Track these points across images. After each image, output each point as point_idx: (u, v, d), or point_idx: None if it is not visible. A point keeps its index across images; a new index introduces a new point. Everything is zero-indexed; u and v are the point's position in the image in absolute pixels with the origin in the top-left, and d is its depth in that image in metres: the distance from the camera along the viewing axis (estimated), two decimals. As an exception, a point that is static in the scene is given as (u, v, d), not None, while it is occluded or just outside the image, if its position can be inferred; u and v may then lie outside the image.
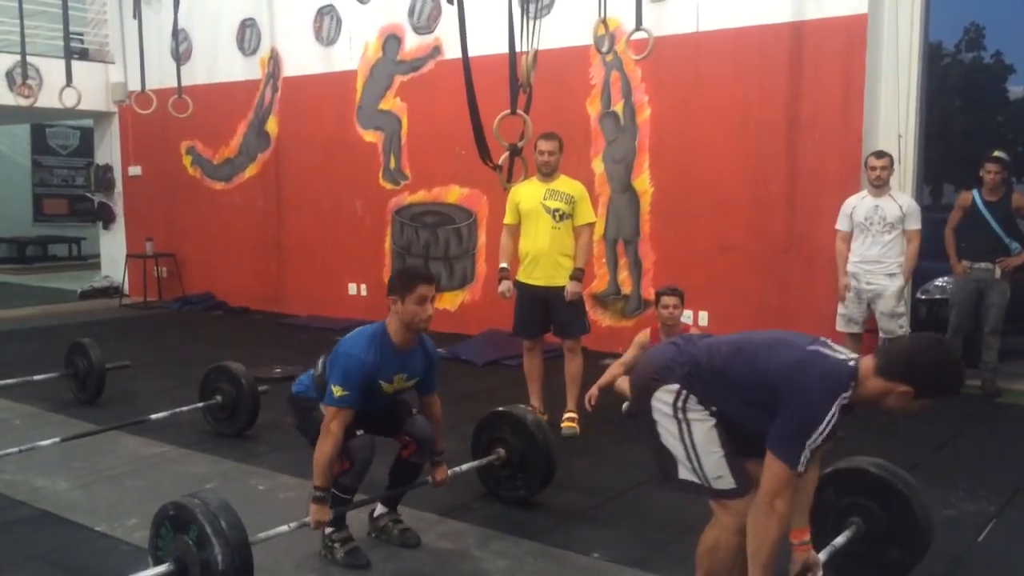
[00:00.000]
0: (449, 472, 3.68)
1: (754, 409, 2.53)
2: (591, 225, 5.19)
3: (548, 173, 5.12)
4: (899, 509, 3.03)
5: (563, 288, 5.05)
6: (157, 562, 2.93)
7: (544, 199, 5.06)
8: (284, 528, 3.21)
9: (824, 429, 2.42)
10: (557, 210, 5.05)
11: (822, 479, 3.19)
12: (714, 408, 2.61)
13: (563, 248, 5.09)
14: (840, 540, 3.02)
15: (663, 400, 2.66)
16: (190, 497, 2.93)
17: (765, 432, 2.48)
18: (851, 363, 2.48)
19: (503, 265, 5.25)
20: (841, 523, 3.10)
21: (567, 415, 5.22)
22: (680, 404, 2.64)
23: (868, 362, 2.48)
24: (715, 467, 2.60)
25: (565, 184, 5.14)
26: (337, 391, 3.22)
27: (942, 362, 2.44)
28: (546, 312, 5.16)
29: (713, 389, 2.61)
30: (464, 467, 3.91)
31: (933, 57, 6.65)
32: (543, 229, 5.05)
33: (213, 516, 2.83)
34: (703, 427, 2.61)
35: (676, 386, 2.64)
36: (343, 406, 3.22)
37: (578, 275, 5.07)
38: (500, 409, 4.14)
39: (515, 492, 4.04)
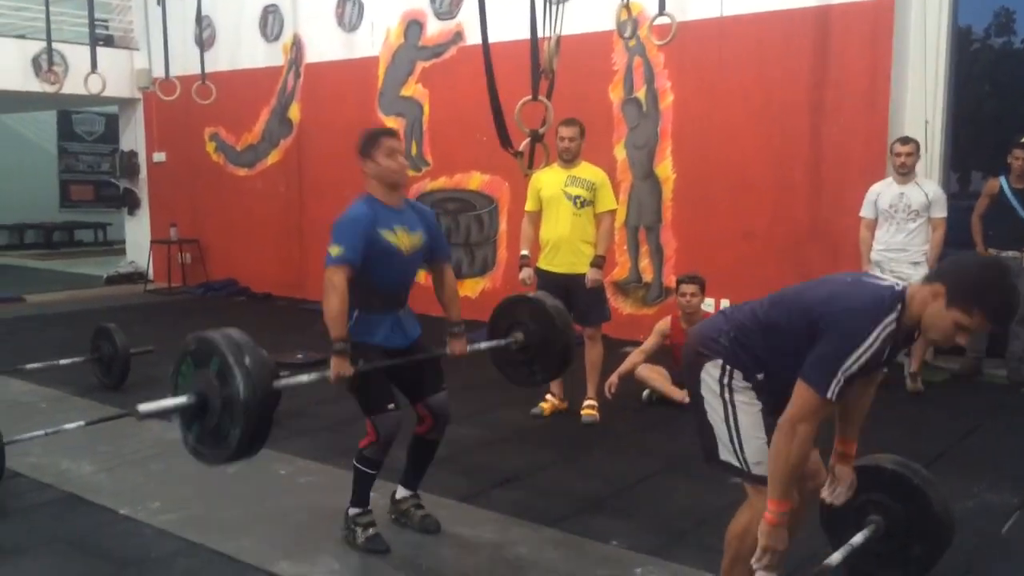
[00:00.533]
0: (468, 348, 3.62)
1: (799, 357, 2.43)
2: (613, 212, 5.17)
3: (569, 159, 5.10)
4: (917, 504, 3.00)
5: (584, 275, 5.04)
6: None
7: (565, 186, 5.04)
8: (304, 378, 3.18)
9: (862, 355, 2.33)
10: (578, 197, 5.03)
11: None
12: (760, 376, 2.56)
13: (584, 235, 5.07)
14: (859, 539, 2.99)
15: (711, 375, 2.62)
16: (213, 331, 2.88)
17: None
18: (897, 287, 2.40)
19: (524, 252, 5.24)
20: (860, 521, 3.07)
21: (587, 403, 5.22)
22: (727, 382, 2.60)
23: (918, 283, 2.41)
24: (756, 452, 2.58)
25: (587, 171, 5.12)
26: (334, 250, 3.20)
27: (998, 278, 2.29)
28: (567, 299, 5.13)
29: (758, 350, 2.57)
30: (483, 345, 3.81)
31: (962, 42, 6.53)
32: (564, 216, 5.04)
33: (236, 347, 2.78)
34: (749, 412, 2.58)
35: (721, 361, 2.60)
36: (341, 263, 3.19)
37: (599, 262, 5.06)
38: (521, 294, 4.10)
39: (530, 377, 4.00)
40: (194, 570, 3.29)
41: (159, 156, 11.53)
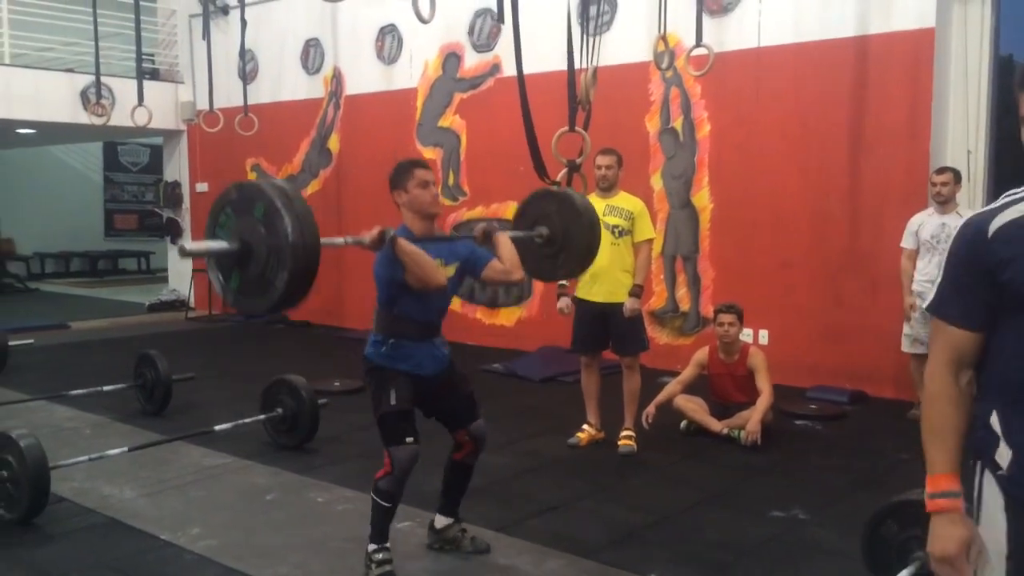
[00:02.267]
0: (498, 234, 3.53)
1: None
2: (650, 241, 5.17)
3: (607, 188, 5.12)
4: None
5: (622, 304, 5.03)
6: None
7: (603, 215, 5.02)
8: (339, 240, 3.18)
9: None
10: (616, 226, 5.04)
11: (882, 511, 3.11)
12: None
13: (623, 264, 5.07)
14: (904, 575, 2.93)
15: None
16: (254, 180, 2.77)
17: None
18: None
19: (562, 282, 5.25)
20: (905, 557, 3.01)
21: (624, 433, 5.18)
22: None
23: None
24: None
25: (625, 200, 5.14)
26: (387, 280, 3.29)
27: None
28: (605, 328, 5.14)
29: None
30: (510, 233, 3.71)
31: (1004, 70, 6.46)
32: (603, 245, 5.02)
33: (282, 193, 2.69)
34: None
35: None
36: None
37: (637, 291, 5.05)
38: (548, 189, 4.09)
39: (553, 272, 4.00)
40: (233, 596, 3.31)
41: (202, 186, 11.75)
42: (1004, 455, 1.68)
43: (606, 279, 5.04)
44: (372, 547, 3.44)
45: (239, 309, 2.90)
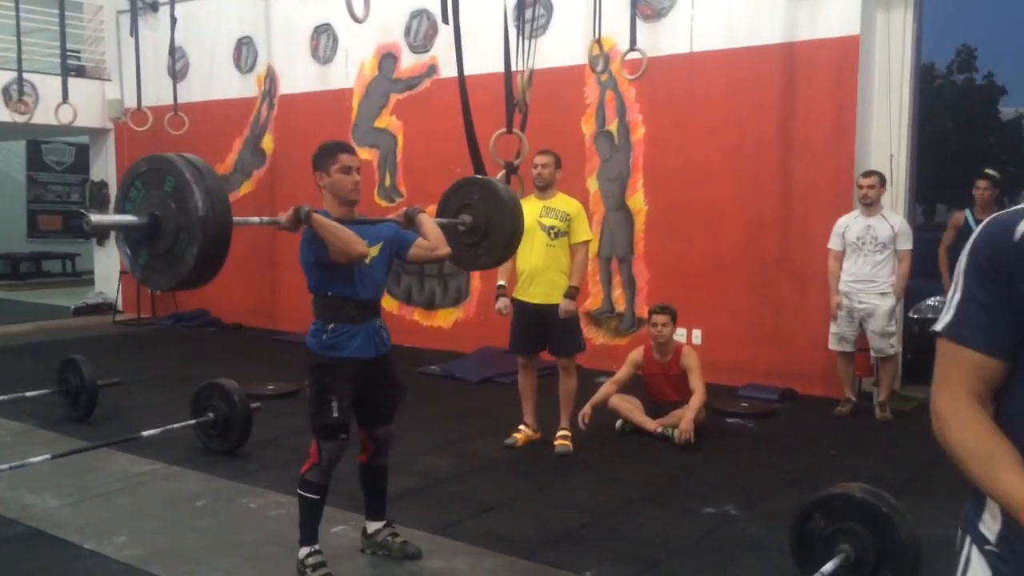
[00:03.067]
0: (421, 215, 3.52)
1: None
2: (587, 243, 5.19)
3: (543, 187, 5.14)
4: (885, 532, 3.03)
5: (558, 306, 5.05)
6: None
7: (540, 216, 5.07)
8: (255, 219, 3.26)
9: None
10: (552, 227, 5.06)
11: (809, 506, 3.20)
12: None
13: (558, 266, 5.09)
14: (829, 567, 3.01)
15: None
16: (165, 154, 2.73)
17: None
18: None
19: (501, 283, 5.26)
20: (830, 550, 3.09)
21: (560, 433, 5.21)
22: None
23: None
24: None
25: (562, 202, 5.16)
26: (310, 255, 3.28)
27: None
28: (542, 329, 5.15)
29: None
30: (438, 220, 3.71)
31: (925, 78, 6.70)
32: (538, 246, 5.05)
33: (193, 167, 2.63)
34: None
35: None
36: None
37: (572, 293, 5.05)
38: (473, 177, 4.09)
39: (475, 261, 3.97)
40: (161, 605, 3.23)
41: (130, 186, 11.44)
42: (991, 526, 1.45)
43: (542, 280, 5.06)
44: (304, 551, 3.39)
45: (148, 285, 2.85)
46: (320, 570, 3.36)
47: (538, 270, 5.06)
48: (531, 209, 5.11)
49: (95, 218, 2.73)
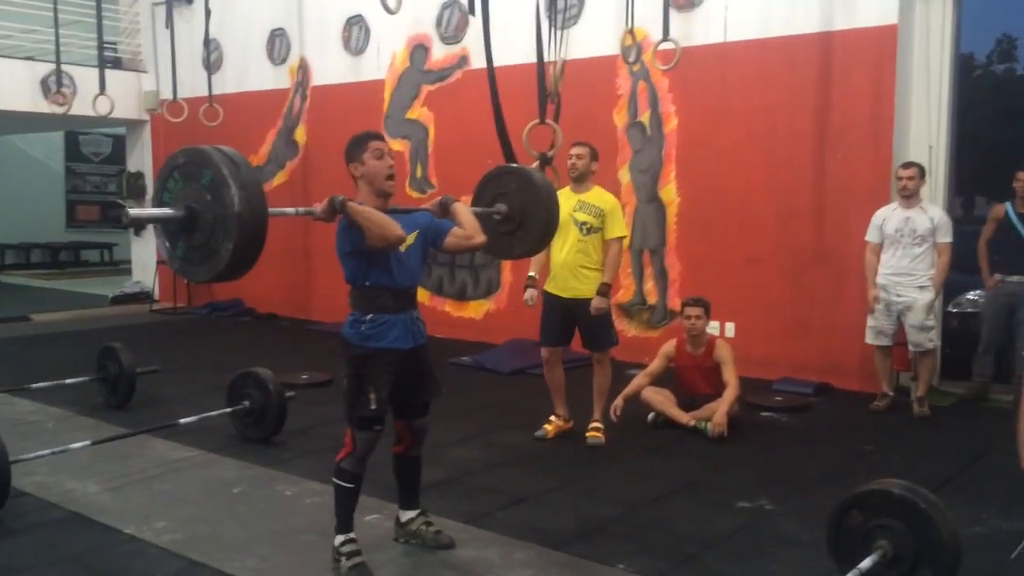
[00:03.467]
0: (456, 204, 3.52)
1: None
2: (621, 239, 5.13)
3: (577, 179, 5.10)
4: (925, 529, 2.99)
5: (589, 300, 5.02)
6: None
7: (574, 211, 5.03)
8: (290, 210, 3.22)
9: None
10: (585, 223, 5.02)
11: (847, 502, 3.17)
12: None
13: (588, 261, 5.05)
14: (866, 563, 2.98)
15: None
16: (204, 146, 2.77)
17: None
18: None
19: (531, 273, 5.26)
20: (868, 546, 3.06)
21: (592, 425, 5.21)
22: None
23: None
24: None
25: (597, 197, 5.10)
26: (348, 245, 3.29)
27: None
28: (571, 322, 5.15)
29: None
30: (473, 209, 3.73)
31: (965, 68, 6.57)
32: (570, 241, 5.02)
33: (230, 161, 2.67)
34: None
35: None
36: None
37: (604, 290, 5.01)
38: (508, 166, 4.08)
39: (509, 251, 3.96)
40: (199, 591, 3.29)
41: (166, 177, 11.57)
42: None
43: (572, 275, 5.05)
44: (340, 539, 3.42)
45: (185, 277, 2.91)
46: (355, 558, 3.39)
47: (568, 264, 5.04)
48: (565, 202, 5.05)
49: (133, 212, 2.79)
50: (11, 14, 10.62)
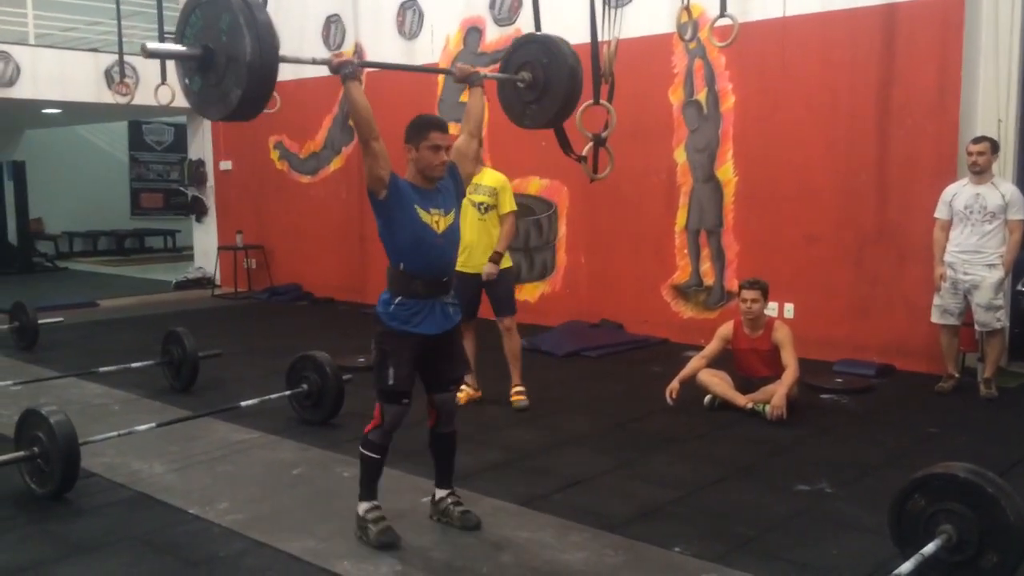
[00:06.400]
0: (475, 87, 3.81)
1: None
2: (513, 213, 5.46)
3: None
4: (991, 514, 2.91)
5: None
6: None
7: (470, 194, 5.29)
8: (308, 56, 3.61)
9: None
10: (482, 203, 5.35)
11: (910, 485, 3.09)
12: None
13: (490, 238, 5.39)
14: (930, 548, 2.91)
15: None
16: None
17: None
18: None
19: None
20: (932, 530, 2.99)
21: (515, 389, 5.52)
22: None
23: None
24: None
25: (488, 177, 5.43)
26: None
27: None
28: (479, 296, 5.49)
29: None
30: (493, 75, 4.10)
31: (1037, 38, 6.31)
32: (470, 222, 5.32)
33: (248, 8, 2.77)
34: None
35: None
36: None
37: (495, 257, 5.36)
38: (539, 34, 4.33)
39: (522, 119, 4.15)
40: (260, 569, 3.35)
41: (225, 164, 11.79)
42: None
43: (476, 252, 5.37)
44: (364, 506, 3.51)
45: (200, 113, 3.10)
46: (381, 523, 3.47)
47: (473, 243, 5.34)
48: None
49: (151, 46, 2.90)
50: (76, 7, 10.89)
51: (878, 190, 6.51)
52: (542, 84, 4.01)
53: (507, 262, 5.52)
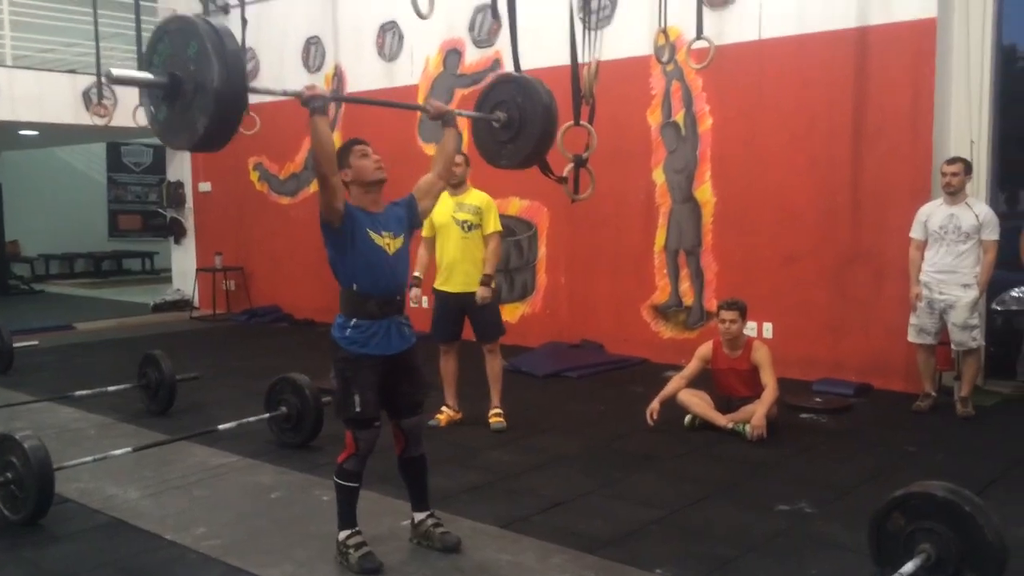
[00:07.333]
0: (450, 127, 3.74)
1: None
2: (498, 233, 5.47)
3: (455, 184, 5.34)
4: (969, 532, 2.92)
5: (475, 293, 5.33)
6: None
7: (454, 212, 5.36)
8: (277, 89, 3.47)
9: None
10: (465, 221, 5.37)
11: (888, 504, 3.10)
12: None
13: (473, 257, 5.39)
14: (909, 567, 2.92)
15: None
16: (195, 16, 2.87)
17: None
18: None
19: (416, 274, 5.48)
20: (911, 549, 3.00)
21: (494, 411, 5.50)
22: None
23: None
24: None
25: (472, 196, 5.45)
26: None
27: None
28: (462, 317, 5.46)
29: None
30: (468, 113, 4.10)
31: (1007, 60, 6.41)
32: (454, 240, 5.35)
33: (216, 36, 2.74)
34: None
35: None
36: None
37: (486, 280, 5.36)
38: (510, 74, 4.30)
39: (498, 159, 4.11)
40: (238, 595, 3.31)
41: (205, 186, 11.75)
42: None
43: (460, 270, 5.38)
44: (344, 533, 3.48)
45: (164, 140, 3.05)
46: (362, 549, 3.44)
47: (455, 261, 5.37)
48: (446, 206, 5.39)
49: (115, 72, 2.84)
50: (53, 28, 10.84)
51: (854, 211, 6.58)
52: (517, 123, 3.98)
53: None
